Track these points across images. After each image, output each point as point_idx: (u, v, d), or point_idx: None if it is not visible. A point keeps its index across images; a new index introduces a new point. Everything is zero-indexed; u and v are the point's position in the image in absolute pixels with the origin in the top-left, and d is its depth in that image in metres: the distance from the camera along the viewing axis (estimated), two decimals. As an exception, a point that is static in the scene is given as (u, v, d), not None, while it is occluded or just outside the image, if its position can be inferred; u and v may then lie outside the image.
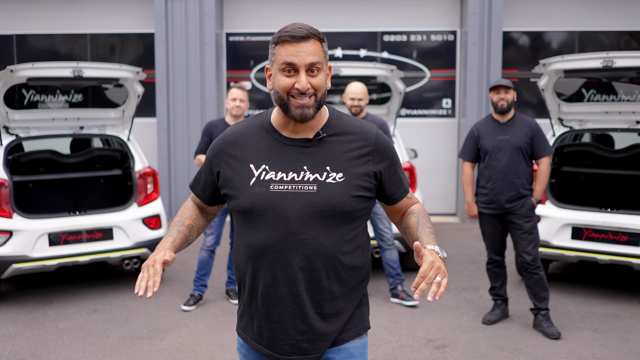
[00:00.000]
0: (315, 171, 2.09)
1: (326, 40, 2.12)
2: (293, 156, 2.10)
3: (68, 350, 4.95)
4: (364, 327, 2.23)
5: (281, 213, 2.07)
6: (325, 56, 2.10)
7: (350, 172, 2.10)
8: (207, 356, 4.82)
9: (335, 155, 2.11)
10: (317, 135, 2.13)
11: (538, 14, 10.34)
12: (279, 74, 2.06)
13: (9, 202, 5.89)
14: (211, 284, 6.44)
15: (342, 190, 2.07)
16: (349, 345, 2.19)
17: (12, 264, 5.80)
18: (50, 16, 10.77)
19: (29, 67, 5.95)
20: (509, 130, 5.31)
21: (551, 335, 5.11)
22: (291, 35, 2.03)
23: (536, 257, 5.24)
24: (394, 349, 4.93)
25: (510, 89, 5.30)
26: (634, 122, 6.37)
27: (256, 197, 2.08)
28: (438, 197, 10.56)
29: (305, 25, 2.07)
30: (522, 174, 5.27)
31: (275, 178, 2.09)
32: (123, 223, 6.28)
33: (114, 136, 6.84)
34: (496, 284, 5.52)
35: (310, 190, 2.07)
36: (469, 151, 5.52)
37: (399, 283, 6.01)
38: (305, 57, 2.03)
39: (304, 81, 2.03)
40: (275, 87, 2.09)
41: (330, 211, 2.07)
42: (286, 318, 2.11)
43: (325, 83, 2.11)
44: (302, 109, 2.05)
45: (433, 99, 10.72)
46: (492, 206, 5.35)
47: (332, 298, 2.12)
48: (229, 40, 10.74)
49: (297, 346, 2.13)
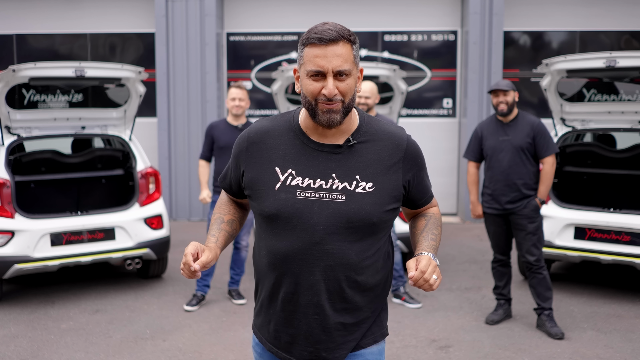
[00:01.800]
0: (344, 180, 2.01)
1: (358, 41, 2.03)
2: (321, 162, 2.03)
3: (71, 350, 4.94)
4: (381, 334, 2.18)
5: (307, 222, 2.00)
6: (356, 60, 2.01)
7: (381, 182, 2.03)
8: (210, 356, 4.81)
9: (365, 163, 2.03)
10: (347, 142, 2.05)
11: (539, 14, 10.34)
12: (306, 78, 1.99)
13: (10, 202, 5.88)
14: (214, 284, 6.43)
15: (372, 201, 2.01)
16: (365, 352, 2.14)
17: (14, 264, 5.79)
18: (50, 16, 10.75)
19: (32, 67, 5.94)
20: (511, 131, 5.30)
21: (555, 336, 5.10)
22: (319, 38, 1.95)
23: (540, 257, 5.23)
24: (398, 349, 4.92)
25: (509, 91, 5.27)
26: (637, 122, 6.38)
27: (281, 203, 2.01)
28: (439, 197, 10.53)
29: (335, 26, 1.97)
30: (524, 174, 5.24)
31: (302, 184, 2.01)
32: (125, 223, 6.27)
33: (115, 136, 6.83)
34: (500, 283, 5.52)
35: (338, 199, 1.99)
36: (473, 151, 5.52)
37: (401, 284, 6.00)
38: (333, 61, 1.94)
39: (331, 87, 1.95)
40: (302, 91, 2.02)
41: (358, 222, 2.00)
42: (305, 326, 2.07)
43: (355, 88, 2.02)
44: (329, 114, 1.98)
45: (434, 98, 10.72)
46: (494, 206, 5.35)
47: (356, 308, 2.08)
48: (230, 40, 10.73)
49: (315, 354, 2.09)
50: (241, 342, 5.04)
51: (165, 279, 6.86)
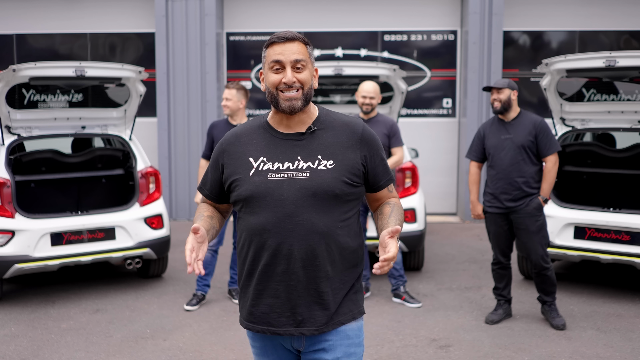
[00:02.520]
0: (308, 160, 2.30)
1: (311, 45, 2.36)
2: (288, 148, 2.32)
3: (71, 350, 4.94)
4: (359, 311, 2.40)
5: (278, 198, 2.27)
6: (310, 57, 2.34)
7: (340, 160, 2.31)
8: (210, 356, 4.81)
9: (325, 145, 2.33)
10: (308, 129, 2.35)
11: (538, 14, 10.35)
12: (269, 72, 2.32)
13: (11, 202, 5.88)
14: (214, 283, 6.43)
15: (332, 175, 2.28)
16: (345, 328, 2.36)
17: (14, 263, 5.79)
18: (50, 16, 10.75)
19: (32, 67, 5.94)
20: (513, 129, 5.30)
21: (556, 327, 5.13)
22: (278, 37, 2.30)
23: (545, 257, 5.23)
24: (398, 348, 4.92)
25: (503, 89, 5.27)
26: (636, 122, 6.38)
27: (255, 185, 2.29)
28: (439, 196, 10.57)
29: (292, 31, 2.34)
30: (525, 172, 5.23)
31: (272, 168, 2.30)
32: (125, 223, 6.27)
33: (116, 136, 6.83)
34: (500, 284, 5.51)
35: (303, 176, 2.28)
36: (475, 151, 5.52)
37: (401, 284, 6.01)
38: (290, 55, 2.28)
39: (289, 75, 2.28)
40: (266, 85, 2.34)
41: (322, 194, 2.26)
42: (283, 293, 2.30)
43: (311, 80, 2.34)
44: (290, 102, 2.29)
45: (433, 98, 10.73)
46: (496, 205, 5.34)
47: (327, 277, 2.30)
48: (230, 39, 10.73)
49: (292, 318, 2.31)
50: (241, 342, 5.04)
51: (166, 278, 6.86)
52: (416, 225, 6.68)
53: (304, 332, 2.31)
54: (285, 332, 2.32)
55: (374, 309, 5.81)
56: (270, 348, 2.42)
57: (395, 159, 5.99)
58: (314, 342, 2.34)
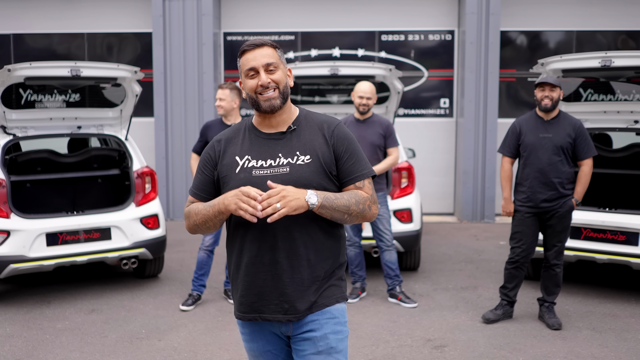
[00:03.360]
0: (287, 156, 2.47)
1: (280, 48, 2.55)
2: (270, 147, 2.50)
3: (66, 350, 4.94)
4: (342, 296, 2.56)
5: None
6: (281, 59, 2.53)
7: (316, 155, 2.47)
8: (205, 356, 4.81)
9: (303, 142, 2.50)
10: (289, 128, 2.53)
11: (535, 14, 10.35)
12: (246, 79, 2.50)
13: (6, 202, 5.88)
14: (209, 284, 6.43)
15: (309, 169, 2.45)
16: (330, 309, 2.51)
17: (9, 264, 5.78)
18: (47, 16, 10.75)
19: (27, 67, 5.93)
20: (552, 129, 5.23)
21: (551, 326, 5.13)
22: (248, 45, 2.49)
23: (559, 255, 5.24)
24: (393, 348, 4.92)
25: (557, 88, 5.20)
26: (632, 122, 6.39)
27: (241, 181, 2.45)
28: (436, 196, 10.57)
29: (260, 38, 2.54)
30: (562, 173, 5.18)
31: (256, 165, 2.47)
32: (121, 223, 6.26)
33: (111, 136, 6.82)
34: (510, 284, 5.45)
35: (284, 172, 2.45)
36: (510, 146, 5.42)
37: (397, 284, 6.00)
38: (261, 59, 2.47)
39: (264, 77, 2.46)
40: (246, 91, 2.52)
41: (301, 187, 2.39)
42: (269, 282, 2.46)
43: (286, 79, 2.52)
44: (269, 101, 2.47)
45: (431, 98, 10.73)
46: (529, 204, 5.26)
47: (309, 265, 2.47)
48: (227, 39, 10.73)
49: (280, 306, 2.46)
50: (237, 342, 5.04)
51: (161, 278, 6.86)
52: (412, 226, 6.67)
53: (291, 319, 2.46)
54: (274, 318, 2.47)
55: (370, 309, 5.81)
56: (259, 333, 2.56)
57: (391, 159, 5.98)
58: (301, 325, 2.48)
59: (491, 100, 10.00)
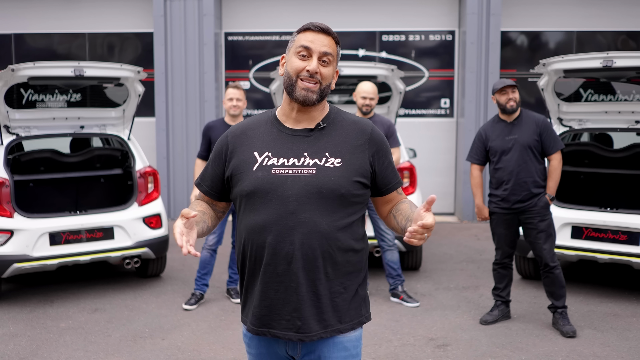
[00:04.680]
0: (314, 157, 2.22)
1: (340, 46, 2.32)
2: (295, 144, 2.24)
3: (70, 349, 4.95)
4: (359, 321, 2.31)
5: (281, 194, 2.18)
6: (338, 56, 2.29)
7: (348, 159, 2.22)
8: (209, 355, 4.83)
9: (334, 143, 2.25)
10: (317, 126, 2.27)
11: (536, 14, 10.37)
12: (294, 56, 2.24)
13: (9, 202, 5.89)
14: (212, 283, 6.45)
15: (339, 174, 2.19)
16: (343, 339, 2.27)
17: (13, 263, 5.80)
18: (48, 15, 10.76)
19: (31, 67, 5.94)
20: (516, 130, 5.26)
21: (565, 334, 5.09)
22: (313, 25, 2.24)
23: (553, 257, 5.22)
24: (396, 347, 4.94)
25: (516, 88, 5.26)
26: (633, 122, 6.41)
27: (258, 180, 2.20)
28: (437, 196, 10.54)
29: (328, 26, 2.28)
30: (533, 172, 5.22)
31: (277, 163, 2.21)
32: (124, 222, 6.28)
33: (114, 135, 6.84)
34: (500, 285, 5.50)
35: (309, 173, 2.19)
36: (477, 154, 5.48)
37: (399, 284, 6.02)
38: (321, 45, 2.22)
39: (314, 64, 2.21)
40: (287, 69, 2.26)
41: (328, 193, 2.17)
42: (282, 294, 2.21)
43: (332, 77, 2.28)
44: (306, 92, 2.21)
45: (431, 98, 10.75)
46: (504, 206, 5.30)
47: (327, 279, 2.21)
48: (228, 39, 10.74)
49: (292, 322, 2.22)
50: (240, 341, 5.06)
51: (164, 278, 6.88)
52: (414, 225, 6.67)
53: (302, 338, 2.22)
54: (284, 335, 2.23)
55: (372, 309, 5.79)
56: (266, 356, 2.34)
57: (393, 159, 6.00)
58: (309, 351, 2.27)
59: (491, 101, 10.00)
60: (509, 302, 5.56)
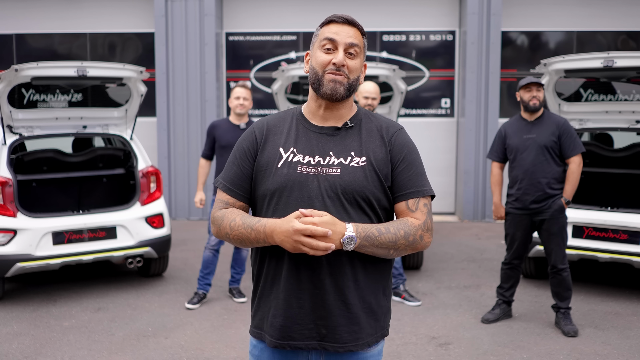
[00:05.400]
0: (340, 156, 2.12)
1: (366, 37, 2.22)
2: (321, 142, 2.15)
3: (74, 348, 4.97)
4: (382, 334, 2.21)
5: (306, 194, 2.08)
6: (364, 48, 2.19)
7: (372, 158, 2.13)
8: (212, 354, 4.85)
9: (359, 143, 2.15)
10: (345, 125, 2.18)
11: (536, 14, 10.40)
12: (319, 50, 2.15)
13: (13, 201, 5.91)
14: (215, 282, 6.47)
15: (363, 174, 2.10)
16: (366, 355, 2.17)
17: (16, 262, 5.82)
18: (49, 15, 10.78)
19: (34, 67, 5.97)
20: (536, 129, 5.24)
21: (567, 333, 5.11)
22: (337, 16, 2.16)
23: (563, 259, 5.20)
24: (398, 346, 4.97)
25: (542, 87, 5.23)
26: (634, 122, 6.43)
27: (284, 177, 2.10)
28: (437, 196, 10.59)
29: (352, 17, 2.20)
30: (548, 173, 5.17)
31: (302, 161, 2.12)
32: (126, 222, 6.30)
33: (117, 135, 6.86)
34: (505, 284, 5.50)
35: (334, 172, 2.09)
36: (497, 151, 5.46)
37: (401, 283, 6.05)
38: (346, 37, 2.14)
39: (341, 56, 2.11)
40: (312, 65, 2.17)
41: (351, 192, 2.08)
42: (307, 302, 2.08)
43: (359, 73, 2.18)
44: (334, 84, 2.10)
45: (432, 98, 10.77)
46: (519, 206, 5.29)
47: (356, 286, 2.10)
48: (229, 39, 10.77)
49: (316, 330, 2.09)
50: (242, 340, 5.08)
51: (166, 277, 6.90)
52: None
53: (327, 347, 2.09)
54: (307, 345, 2.09)
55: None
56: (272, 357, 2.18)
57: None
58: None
59: (492, 100, 10.06)
60: (511, 303, 5.57)
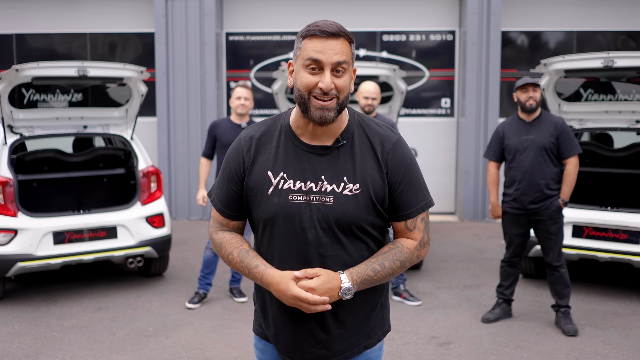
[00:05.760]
0: (332, 181, 2.02)
1: (354, 41, 2.05)
2: (312, 164, 2.03)
3: (74, 347, 4.98)
4: (383, 332, 2.23)
5: (299, 225, 2.02)
6: (353, 57, 2.01)
7: (366, 184, 2.02)
8: (213, 353, 4.86)
9: (353, 164, 2.04)
10: (336, 142, 2.05)
11: (536, 14, 10.41)
12: (303, 70, 1.97)
13: (13, 201, 5.92)
14: (215, 282, 6.47)
15: (356, 203, 2.01)
16: (368, 352, 2.19)
17: (17, 262, 5.83)
18: (50, 15, 10.78)
19: (34, 67, 5.97)
20: (534, 130, 5.25)
21: (567, 333, 5.12)
22: (321, 30, 1.94)
23: (559, 257, 5.23)
24: (399, 345, 4.97)
25: (538, 87, 5.24)
26: (634, 122, 6.44)
27: (275, 208, 2.03)
28: (437, 196, 10.59)
29: (335, 23, 1.98)
30: (547, 174, 5.19)
31: (293, 187, 2.02)
32: (127, 222, 6.31)
33: (117, 135, 6.87)
34: (505, 282, 5.51)
35: (326, 202, 2.00)
36: (494, 151, 5.47)
37: (401, 282, 6.05)
38: (332, 55, 1.94)
39: (327, 81, 1.94)
40: (296, 84, 2.00)
41: (345, 224, 2.01)
42: (306, 328, 2.09)
43: (349, 86, 2.02)
44: (322, 111, 1.97)
45: (432, 98, 10.78)
46: (516, 206, 5.30)
47: (353, 308, 2.09)
48: (229, 39, 10.77)
49: (316, 354, 2.12)
50: (243, 340, 5.09)
51: (167, 277, 6.90)
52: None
53: (329, 356, 2.14)
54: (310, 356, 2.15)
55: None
56: None
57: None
58: None
59: (492, 100, 10.06)
60: (511, 301, 5.58)
